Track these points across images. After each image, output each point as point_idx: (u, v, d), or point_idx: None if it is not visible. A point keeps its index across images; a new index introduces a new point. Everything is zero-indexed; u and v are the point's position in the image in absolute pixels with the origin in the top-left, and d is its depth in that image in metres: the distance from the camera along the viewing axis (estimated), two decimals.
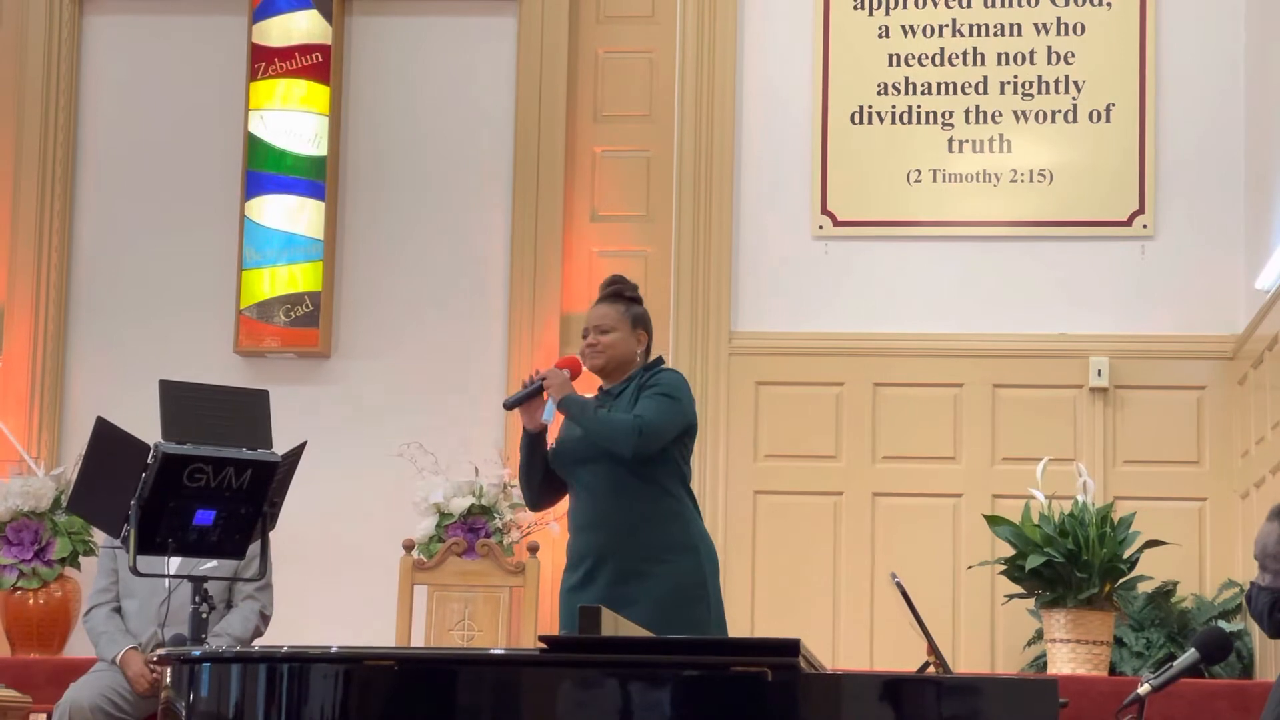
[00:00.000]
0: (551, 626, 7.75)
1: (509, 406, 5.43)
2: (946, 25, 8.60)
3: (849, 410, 8.46)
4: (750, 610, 8.19)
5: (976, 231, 8.51)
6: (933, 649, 4.82)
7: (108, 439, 5.46)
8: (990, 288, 8.47)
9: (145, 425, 5.63)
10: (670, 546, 5.28)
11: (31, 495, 8.08)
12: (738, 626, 6.04)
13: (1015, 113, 8.53)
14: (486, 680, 3.49)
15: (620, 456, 5.21)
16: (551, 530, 8.21)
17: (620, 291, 5.50)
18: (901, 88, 8.59)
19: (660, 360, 5.53)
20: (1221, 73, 8.44)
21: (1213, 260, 8.35)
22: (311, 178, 8.69)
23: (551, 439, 5.46)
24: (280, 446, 5.57)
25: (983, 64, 8.57)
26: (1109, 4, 8.53)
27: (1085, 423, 8.32)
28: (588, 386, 5.46)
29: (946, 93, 8.57)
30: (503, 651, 3.70)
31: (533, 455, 5.40)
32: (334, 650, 3.55)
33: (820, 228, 8.58)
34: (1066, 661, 7.36)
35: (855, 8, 8.64)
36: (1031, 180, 8.49)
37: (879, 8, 8.63)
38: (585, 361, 5.44)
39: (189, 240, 8.80)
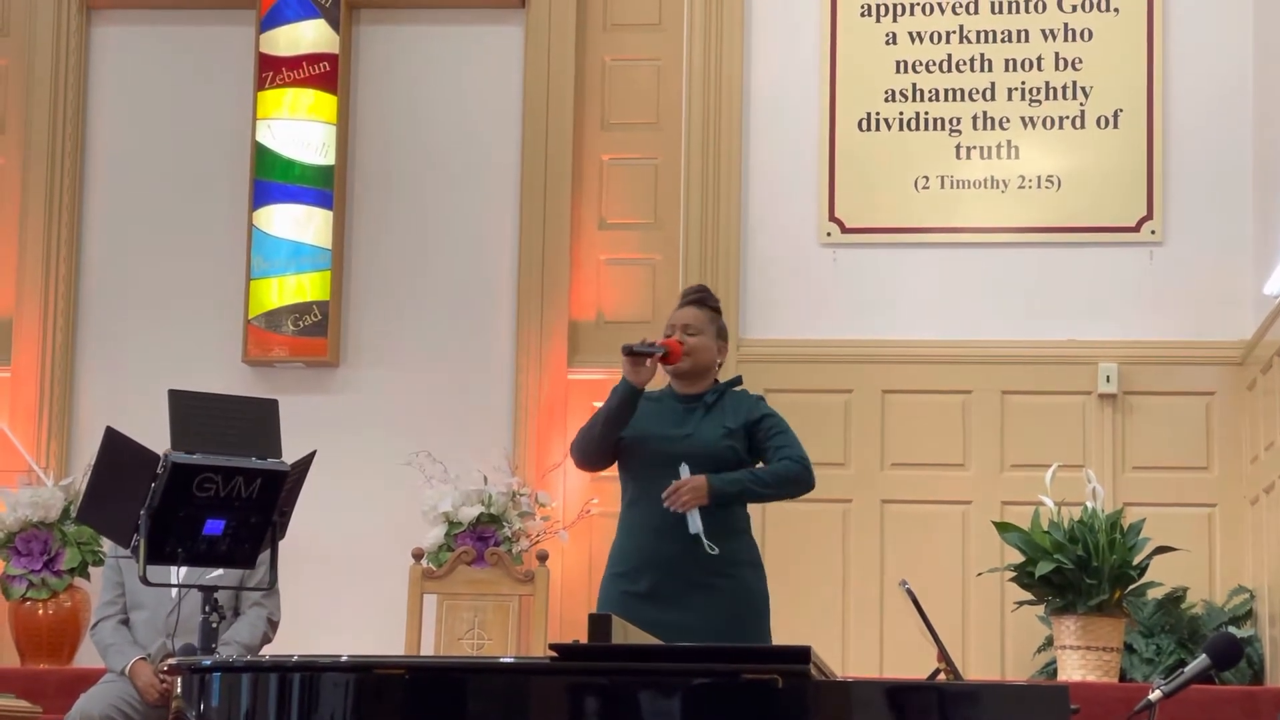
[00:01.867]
0: (561, 635, 7.74)
1: (626, 353, 5.29)
2: (954, 32, 8.60)
3: (857, 417, 8.46)
4: None
5: (984, 238, 8.50)
6: (943, 656, 4.81)
7: (117, 449, 5.45)
8: (998, 294, 8.46)
9: (154, 435, 5.63)
10: (739, 560, 5.33)
11: (40, 505, 8.09)
12: None
13: (1023, 119, 8.52)
14: (497, 688, 3.48)
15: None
16: (561, 539, 8.21)
17: (705, 300, 5.51)
18: (909, 94, 8.59)
19: (740, 378, 5.55)
20: (1229, 78, 8.43)
21: (1221, 266, 8.35)
22: (319, 187, 8.69)
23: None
24: (289, 456, 5.57)
25: (990, 70, 8.57)
26: (1116, 9, 8.52)
27: (1094, 429, 8.31)
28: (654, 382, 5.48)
29: (954, 99, 8.57)
30: (513, 660, 3.69)
31: (624, 409, 5.31)
32: (344, 659, 3.55)
33: (828, 234, 8.58)
34: (1077, 668, 7.36)
35: (862, 14, 8.64)
36: (1039, 186, 8.49)
37: (886, 14, 8.63)
38: (678, 358, 5.40)
39: (197, 250, 8.80)
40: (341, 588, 8.37)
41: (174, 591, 6.13)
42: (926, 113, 8.58)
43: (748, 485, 5.30)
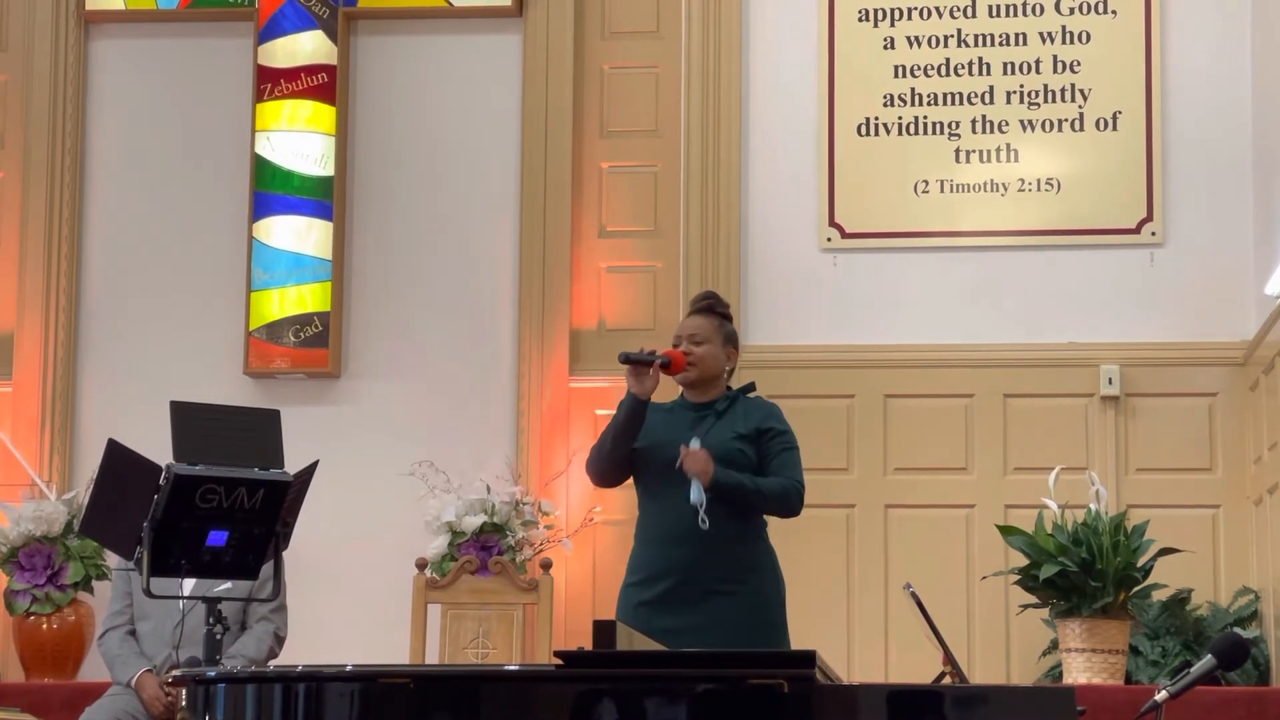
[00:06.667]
0: (565, 643, 7.74)
1: (623, 360, 5.33)
2: (952, 35, 8.60)
3: (860, 422, 8.45)
4: None
5: (985, 241, 8.50)
6: (949, 659, 4.81)
7: (120, 461, 5.46)
8: (999, 297, 8.46)
9: (157, 447, 5.63)
10: (753, 566, 5.33)
11: (43, 519, 8.09)
12: None
13: (1022, 122, 8.53)
14: (502, 696, 3.48)
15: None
16: (564, 547, 8.21)
17: (713, 306, 5.51)
18: (908, 99, 8.59)
19: (753, 384, 5.54)
20: (1228, 78, 8.43)
21: (1222, 266, 8.35)
22: (319, 198, 8.70)
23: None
24: (291, 468, 5.57)
25: (989, 74, 8.57)
26: (1114, 12, 8.53)
27: (1097, 431, 8.31)
28: (666, 392, 5.49)
29: (953, 103, 8.57)
30: (518, 667, 3.69)
31: (630, 422, 5.31)
32: (349, 669, 3.55)
33: (828, 240, 8.58)
34: (1082, 671, 7.35)
35: (860, 19, 8.64)
36: (1039, 189, 8.49)
37: (884, 19, 8.63)
38: (681, 368, 5.40)
39: (197, 262, 8.81)
40: (345, 598, 8.37)
41: (180, 603, 6.12)
42: (925, 117, 8.58)
43: (745, 485, 5.29)
